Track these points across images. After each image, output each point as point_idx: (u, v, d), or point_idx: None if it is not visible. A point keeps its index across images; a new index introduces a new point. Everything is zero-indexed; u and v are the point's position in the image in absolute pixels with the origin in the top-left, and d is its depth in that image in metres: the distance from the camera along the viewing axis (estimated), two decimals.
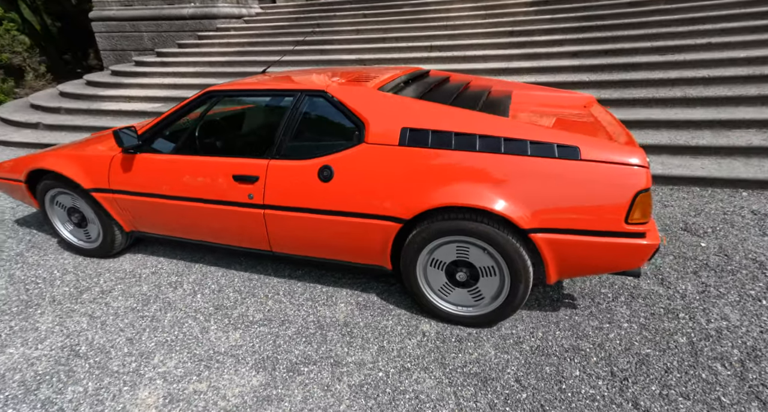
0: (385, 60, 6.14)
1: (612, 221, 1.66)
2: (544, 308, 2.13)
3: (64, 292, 2.39)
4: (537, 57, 5.75)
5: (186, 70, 6.70)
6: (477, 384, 1.71)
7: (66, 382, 1.77)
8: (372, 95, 1.99)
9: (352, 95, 2.01)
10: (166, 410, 1.64)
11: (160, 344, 1.98)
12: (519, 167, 1.72)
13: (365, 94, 2.00)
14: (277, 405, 1.65)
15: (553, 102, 2.76)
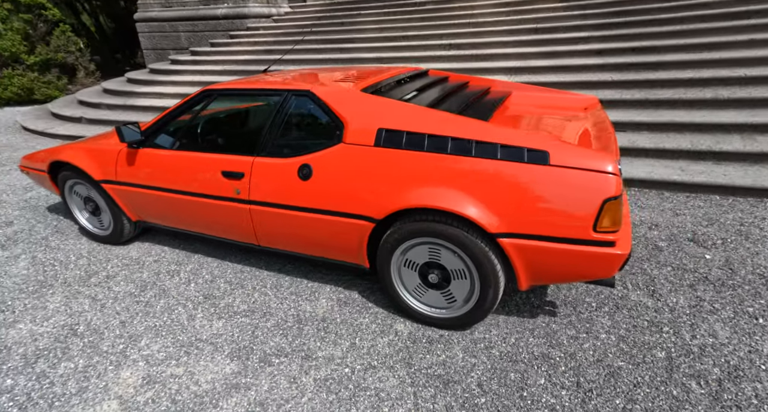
0: (403, 58, 6.11)
1: (579, 229, 1.60)
2: (522, 314, 2.08)
3: (75, 275, 2.57)
4: (558, 55, 5.54)
5: (215, 68, 6.94)
6: (438, 386, 1.70)
7: (61, 358, 1.92)
8: (353, 96, 2.00)
9: (334, 96, 2.03)
10: (142, 390, 1.74)
11: (149, 328, 2.10)
12: (488, 171, 1.69)
13: (347, 94, 2.02)
14: (244, 393, 1.71)
15: (551, 103, 2.67)
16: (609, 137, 2.00)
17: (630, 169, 3.56)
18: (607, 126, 2.20)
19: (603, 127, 2.15)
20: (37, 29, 8.43)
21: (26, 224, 3.30)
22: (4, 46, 7.88)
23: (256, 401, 1.67)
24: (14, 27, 8.12)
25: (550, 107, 2.64)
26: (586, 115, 2.40)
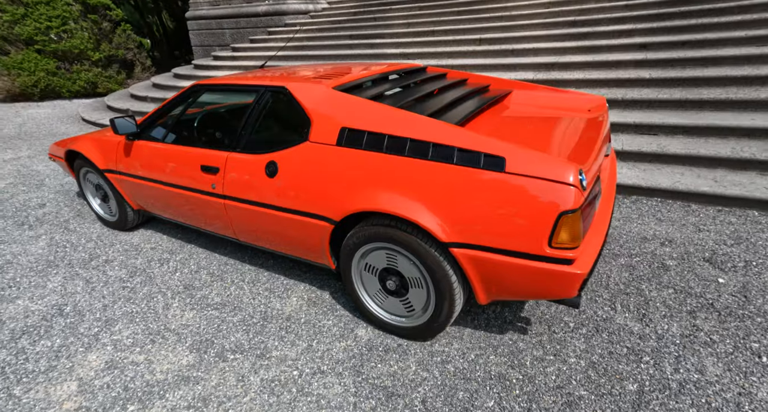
0: (430, 54, 5.93)
1: (533, 243, 1.43)
2: (490, 329, 1.93)
3: (80, 257, 2.74)
4: (596, 50, 5.12)
5: (250, 63, 7.13)
6: (381, 398, 1.61)
7: (42, 336, 2.04)
8: (323, 94, 1.93)
9: (305, 93, 1.97)
10: (102, 374, 1.80)
11: (126, 314, 2.18)
12: (443, 175, 1.56)
13: (317, 92, 1.95)
14: (192, 387, 1.72)
15: (552, 103, 2.45)
16: (593, 144, 1.79)
17: (655, 177, 3.21)
18: (599, 130, 1.98)
19: (594, 132, 1.93)
20: (102, 28, 9.09)
21: (55, 206, 3.57)
22: (74, 44, 8.58)
23: (201, 395, 1.67)
24: (83, 26, 8.81)
25: (549, 107, 2.42)
26: (582, 117, 2.17)
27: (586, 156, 1.65)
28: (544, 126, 2.09)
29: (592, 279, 2.22)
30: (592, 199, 1.59)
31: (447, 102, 2.10)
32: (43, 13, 8.27)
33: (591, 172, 1.59)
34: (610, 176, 2.17)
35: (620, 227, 2.73)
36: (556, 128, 2.06)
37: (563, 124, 2.09)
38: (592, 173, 1.60)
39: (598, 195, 1.71)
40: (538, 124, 2.11)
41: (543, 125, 2.11)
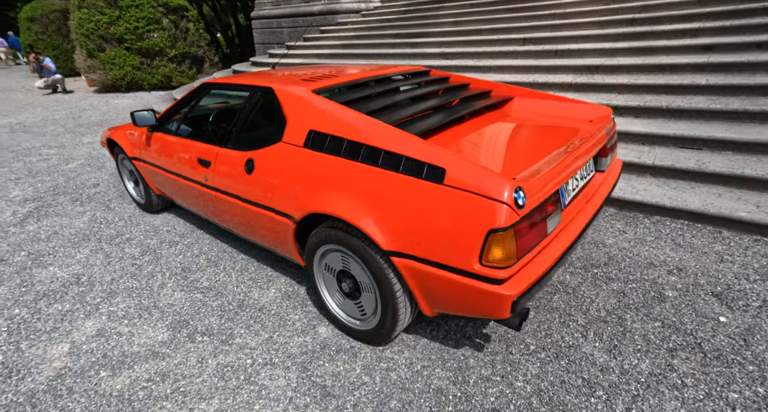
0: (468, 54, 5.74)
1: (464, 259, 1.37)
2: (447, 342, 1.86)
3: (108, 234, 3.05)
4: (651, 52, 4.64)
5: (297, 61, 7.39)
6: (316, 397, 1.63)
7: (57, 300, 2.31)
8: (300, 96, 1.97)
9: (286, 95, 2.03)
10: (91, 340, 2.01)
11: (127, 288, 2.40)
12: (388, 183, 1.53)
13: (296, 94, 1.99)
14: (158, 362, 1.86)
15: (551, 112, 2.30)
16: (568, 158, 1.65)
17: (684, 197, 2.85)
18: (587, 143, 1.82)
19: (579, 145, 1.78)
20: (179, 28, 9.92)
21: (106, 187, 4.00)
22: (155, 42, 9.48)
23: (162, 371, 1.81)
24: (164, 26, 9.68)
25: (547, 116, 2.27)
26: (576, 128, 2.00)
27: (551, 171, 1.52)
28: (522, 137, 1.97)
29: (573, 302, 2.04)
30: (542, 218, 1.47)
31: (425, 108, 2.05)
32: (133, 15, 9.20)
33: (543, 189, 1.47)
34: (597, 193, 1.98)
35: (628, 249, 2.48)
36: (533, 140, 1.93)
37: (546, 136, 1.94)
38: (545, 190, 1.48)
39: (554, 214, 1.56)
40: (518, 135, 1.99)
41: (523, 136, 1.98)
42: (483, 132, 2.01)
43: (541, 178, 1.48)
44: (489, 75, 5.17)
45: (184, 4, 10.17)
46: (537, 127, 2.10)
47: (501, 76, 5.03)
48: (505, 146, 1.83)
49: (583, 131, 1.95)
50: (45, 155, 5.20)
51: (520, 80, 4.77)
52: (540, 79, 4.68)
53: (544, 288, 1.55)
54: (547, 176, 1.51)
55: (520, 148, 1.85)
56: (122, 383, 1.75)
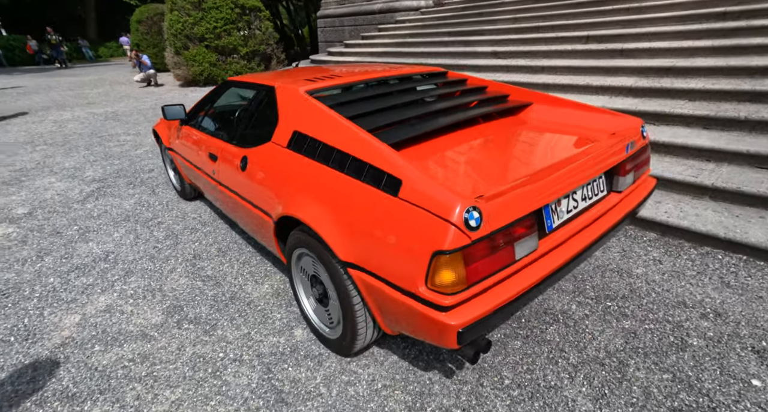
0: (521, 53, 5.33)
1: (410, 279, 1.24)
2: (417, 363, 1.72)
3: (145, 216, 3.29)
4: (741, 51, 3.94)
5: (352, 59, 7.44)
6: (270, 401, 1.60)
7: (84, 274, 2.53)
8: (293, 96, 1.93)
9: (283, 94, 2.00)
10: (99, 314, 2.16)
11: (143, 270, 2.56)
12: (351, 191, 1.44)
13: (291, 95, 1.96)
14: (144, 344, 1.95)
15: (568, 122, 2.02)
16: (560, 176, 1.43)
17: (747, 228, 2.37)
18: (594, 159, 1.56)
19: (582, 162, 1.53)
20: (252, 27, 10.51)
21: (158, 173, 4.34)
22: (230, 41, 10.14)
23: (144, 353, 1.89)
24: (239, 26, 10.32)
25: (562, 126, 2.00)
26: (590, 141, 1.73)
27: (531, 190, 1.32)
28: (522, 148, 1.75)
29: (571, 336, 1.78)
30: (508, 242, 1.28)
31: (421, 113, 1.90)
32: (213, 16, 9.92)
33: (513, 210, 1.27)
34: (604, 218, 1.68)
35: (659, 282, 2.11)
36: (532, 152, 1.70)
37: (550, 148, 1.71)
38: (516, 211, 1.28)
39: (527, 238, 1.35)
40: (518, 145, 1.78)
41: (523, 147, 1.76)
42: (479, 140, 1.82)
43: (513, 197, 1.29)
44: (539, 76, 4.76)
45: (258, 5, 10.73)
46: (544, 138, 1.85)
47: (552, 78, 4.61)
48: (495, 158, 1.64)
49: (595, 146, 1.67)
50: (122, 141, 5.79)
51: (572, 82, 4.33)
52: (595, 82, 4.20)
53: (507, 319, 1.36)
54: (521, 195, 1.31)
55: (511, 160, 1.64)
56: (108, 360, 1.85)
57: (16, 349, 1.95)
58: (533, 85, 4.60)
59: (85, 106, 8.68)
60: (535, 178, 1.40)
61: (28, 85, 12.61)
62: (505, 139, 1.85)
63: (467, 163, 1.61)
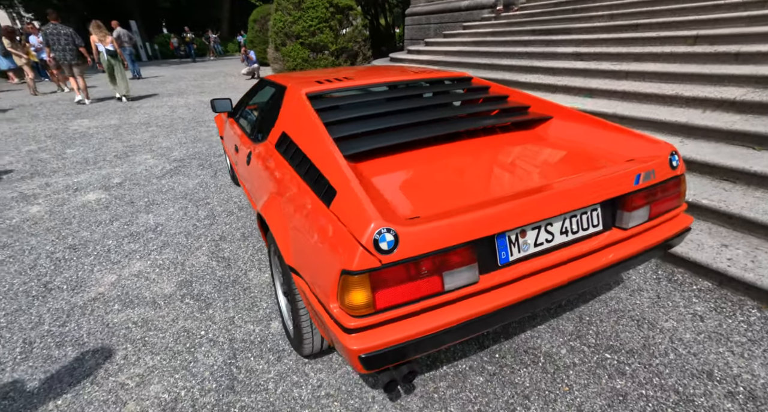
0: (607, 55, 4.69)
1: (326, 294, 1.21)
2: (368, 378, 1.65)
3: (199, 196, 3.66)
4: None
5: (428, 58, 7.29)
6: (221, 386, 1.68)
7: (134, 240, 2.91)
8: (294, 97, 1.97)
9: (289, 95, 2.05)
10: (129, 277, 2.48)
11: (177, 244, 2.85)
12: (301, 195, 1.43)
13: (293, 95, 2.00)
14: (149, 310, 2.18)
15: (585, 141, 1.74)
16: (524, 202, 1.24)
17: None
18: (572, 187, 1.32)
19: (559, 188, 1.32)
20: (343, 25, 10.93)
21: (225, 157, 4.79)
22: (321, 39, 10.70)
23: (146, 318, 2.12)
24: (331, 25, 10.82)
25: (574, 146, 1.74)
26: (599, 166, 1.47)
27: (480, 217, 1.18)
28: (508, 167, 1.55)
29: (543, 384, 1.54)
30: (434, 271, 1.15)
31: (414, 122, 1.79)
32: (309, 15, 10.55)
33: (444, 236, 1.13)
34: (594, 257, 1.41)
35: (688, 343, 1.72)
36: (517, 173, 1.49)
37: (531, 169, 1.49)
38: (448, 238, 1.13)
39: (462, 269, 1.19)
40: (505, 164, 1.58)
41: (510, 166, 1.56)
42: (466, 154, 1.66)
43: (450, 222, 1.15)
44: (621, 83, 4.15)
45: (350, 4, 11.10)
46: (538, 158, 1.62)
47: (636, 86, 3.99)
48: (467, 176, 1.48)
49: (593, 172, 1.41)
50: (211, 127, 6.51)
51: (658, 91, 3.69)
52: (687, 92, 3.53)
53: (426, 353, 1.23)
54: (462, 221, 1.16)
55: (482, 180, 1.47)
56: (119, 319, 2.12)
57: (63, 296, 2.33)
58: (611, 92, 4.03)
59: (198, 94, 9.92)
60: (490, 203, 1.23)
61: (166, 75, 14.81)
62: (494, 156, 1.66)
63: (431, 179, 1.48)
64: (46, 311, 2.21)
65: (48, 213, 3.47)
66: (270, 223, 1.55)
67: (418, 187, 1.44)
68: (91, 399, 1.63)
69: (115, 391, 1.67)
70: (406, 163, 1.62)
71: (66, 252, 2.81)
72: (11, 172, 4.65)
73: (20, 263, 2.71)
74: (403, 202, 1.33)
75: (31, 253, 2.82)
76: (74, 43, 7.90)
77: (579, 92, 4.34)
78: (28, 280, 2.51)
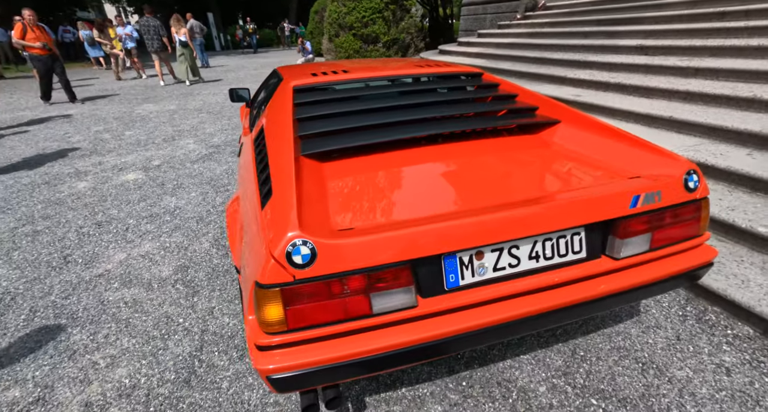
0: (676, 49, 4.08)
1: (248, 303, 1.12)
2: None
3: (222, 183, 3.76)
4: None
5: (478, 50, 6.90)
6: (180, 378, 1.67)
7: (152, 221, 3.05)
8: (283, 90, 1.91)
9: (281, 88, 1.99)
10: (136, 257, 2.59)
11: (187, 229, 2.93)
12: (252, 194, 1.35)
13: (283, 88, 1.94)
14: (142, 292, 2.25)
15: (590, 154, 1.49)
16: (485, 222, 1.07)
17: None
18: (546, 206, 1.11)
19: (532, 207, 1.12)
20: (396, 16, 10.74)
21: None
22: (373, 29, 10.61)
23: (137, 300, 2.18)
24: (384, 16, 10.68)
25: (575, 157, 1.49)
26: (574, 181, 1.23)
27: (421, 232, 1.03)
28: (470, 176, 1.36)
29: None
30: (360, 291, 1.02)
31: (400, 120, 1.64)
32: (363, 6, 10.49)
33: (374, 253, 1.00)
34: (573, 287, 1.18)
35: (702, 399, 1.41)
36: (474, 183, 1.32)
37: (507, 181, 1.30)
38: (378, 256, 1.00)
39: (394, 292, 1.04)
40: (471, 172, 1.39)
41: (476, 175, 1.37)
42: (445, 160, 1.48)
43: (385, 237, 1.00)
44: (687, 81, 3.59)
45: None
46: (522, 169, 1.40)
47: (704, 85, 3.43)
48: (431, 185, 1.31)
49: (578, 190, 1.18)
50: None
51: (731, 93, 3.14)
52: (766, 94, 2.95)
53: (352, 379, 1.11)
54: (401, 236, 1.02)
55: (445, 191, 1.29)
56: (113, 298, 2.22)
57: (75, 270, 2.49)
58: (673, 92, 3.51)
59: (254, 82, 10.31)
60: (442, 217, 1.07)
61: (230, 65, 15.61)
62: (478, 163, 1.46)
63: (397, 185, 1.33)
64: (57, 282, 2.37)
65: (91, 189, 3.76)
66: (227, 220, 1.50)
67: (376, 194, 1.30)
68: (64, 375, 1.70)
69: (86, 369, 1.73)
70: (377, 165, 1.48)
71: (92, 228, 3.01)
72: (77, 150, 5.13)
73: (53, 234, 2.95)
74: (347, 210, 1.20)
75: (65, 226, 3.06)
76: (159, 34, 9.25)
77: (634, 91, 3.84)
78: (54, 251, 2.72)
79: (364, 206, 1.22)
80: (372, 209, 1.20)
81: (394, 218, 1.14)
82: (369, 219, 1.14)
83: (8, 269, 2.54)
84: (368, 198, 1.27)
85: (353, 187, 1.33)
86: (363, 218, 1.15)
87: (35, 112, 7.49)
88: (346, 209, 1.20)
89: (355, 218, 1.15)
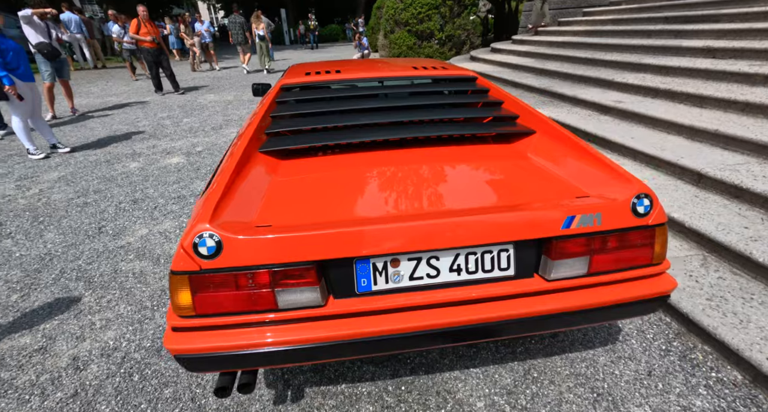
0: (749, 52, 3.59)
1: None
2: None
3: None
4: None
5: (529, 49, 6.56)
6: (153, 347, 1.85)
7: (177, 203, 3.35)
8: (273, 88, 1.99)
9: (274, 85, 2.08)
10: (155, 234, 2.87)
11: None
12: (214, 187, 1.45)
13: (275, 87, 2.02)
14: (148, 266, 2.50)
15: (556, 169, 1.42)
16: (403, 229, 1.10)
17: None
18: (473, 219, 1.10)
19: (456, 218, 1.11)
20: (453, 12, 10.51)
21: None
22: (428, 26, 10.51)
23: (143, 272, 2.43)
24: (441, 12, 10.52)
25: (530, 168, 1.41)
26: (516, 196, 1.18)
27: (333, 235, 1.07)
28: (413, 183, 1.35)
29: None
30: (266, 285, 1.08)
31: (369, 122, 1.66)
32: (419, 2, 10.43)
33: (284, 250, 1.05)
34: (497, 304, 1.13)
35: None
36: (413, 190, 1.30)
37: (444, 191, 1.27)
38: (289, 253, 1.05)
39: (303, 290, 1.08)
40: (416, 179, 1.38)
41: (419, 182, 1.36)
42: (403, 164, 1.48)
43: (296, 237, 1.06)
44: (755, 90, 3.16)
45: None
46: (484, 180, 1.35)
47: None
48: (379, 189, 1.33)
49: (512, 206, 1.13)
50: None
51: None
52: None
53: (258, 367, 1.16)
54: (312, 237, 1.06)
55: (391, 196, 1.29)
56: (126, 268, 2.48)
57: (104, 240, 2.82)
58: (730, 103, 3.11)
59: None
60: (357, 222, 1.10)
61: (293, 58, 16.30)
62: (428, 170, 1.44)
63: (341, 187, 1.36)
64: (87, 249, 2.71)
65: (139, 169, 4.19)
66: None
67: (316, 194, 1.34)
68: (66, 330, 1.96)
69: (84, 328, 1.97)
70: (332, 166, 1.52)
71: (129, 204, 3.38)
72: (141, 133, 5.72)
73: (98, 206, 3.35)
74: (277, 207, 1.25)
75: (108, 200, 3.46)
76: (243, 29, 10.81)
77: (685, 100, 3.45)
78: (93, 222, 3.09)
79: (296, 204, 1.27)
80: (303, 208, 1.25)
81: (320, 218, 1.17)
82: (293, 218, 1.19)
83: (56, 233, 2.93)
84: (305, 198, 1.31)
85: (296, 186, 1.38)
86: (289, 216, 1.20)
87: (120, 97, 8.42)
88: (277, 207, 1.25)
89: (282, 215, 1.20)
